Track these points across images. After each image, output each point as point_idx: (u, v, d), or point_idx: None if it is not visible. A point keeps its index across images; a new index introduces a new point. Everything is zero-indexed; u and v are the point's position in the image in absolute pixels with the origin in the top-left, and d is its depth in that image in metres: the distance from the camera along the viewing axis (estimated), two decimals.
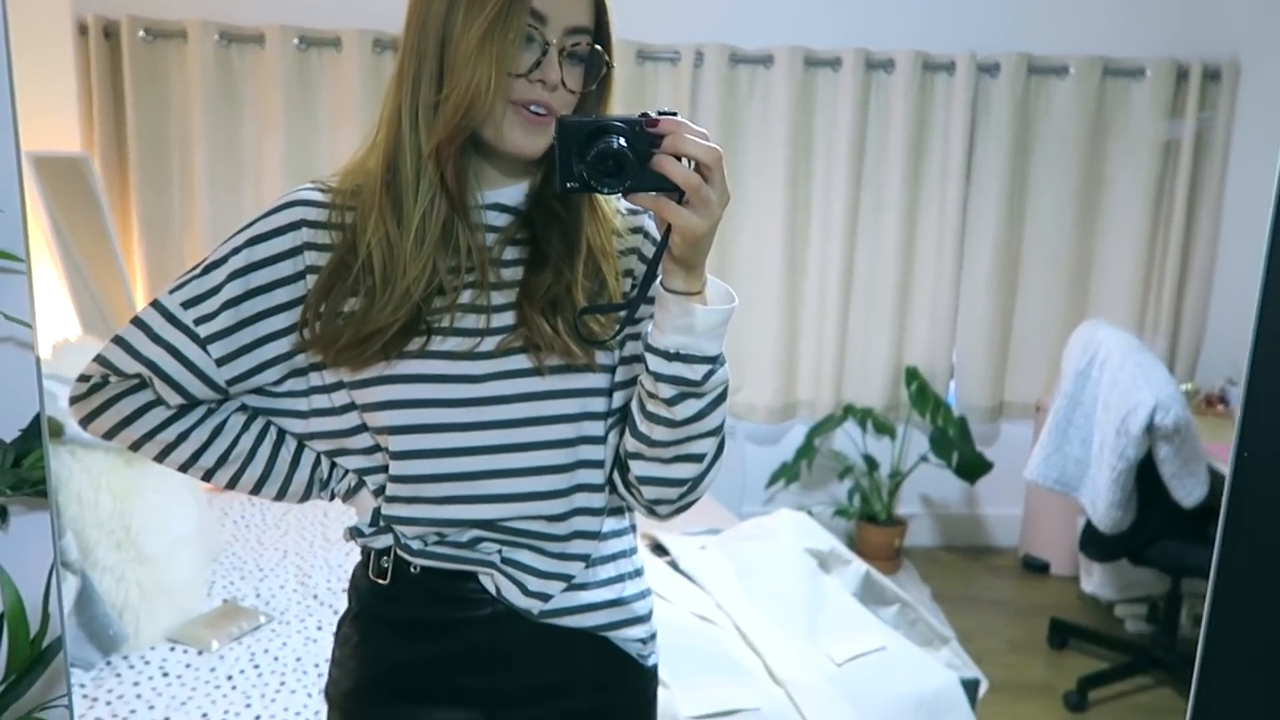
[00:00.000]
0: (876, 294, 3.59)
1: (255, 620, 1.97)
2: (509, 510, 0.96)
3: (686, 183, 0.82)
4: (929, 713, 1.85)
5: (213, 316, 0.94)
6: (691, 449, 0.94)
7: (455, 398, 0.93)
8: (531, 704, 1.00)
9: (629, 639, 1.03)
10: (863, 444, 3.59)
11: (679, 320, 0.87)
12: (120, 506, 1.83)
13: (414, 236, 0.90)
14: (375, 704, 1.01)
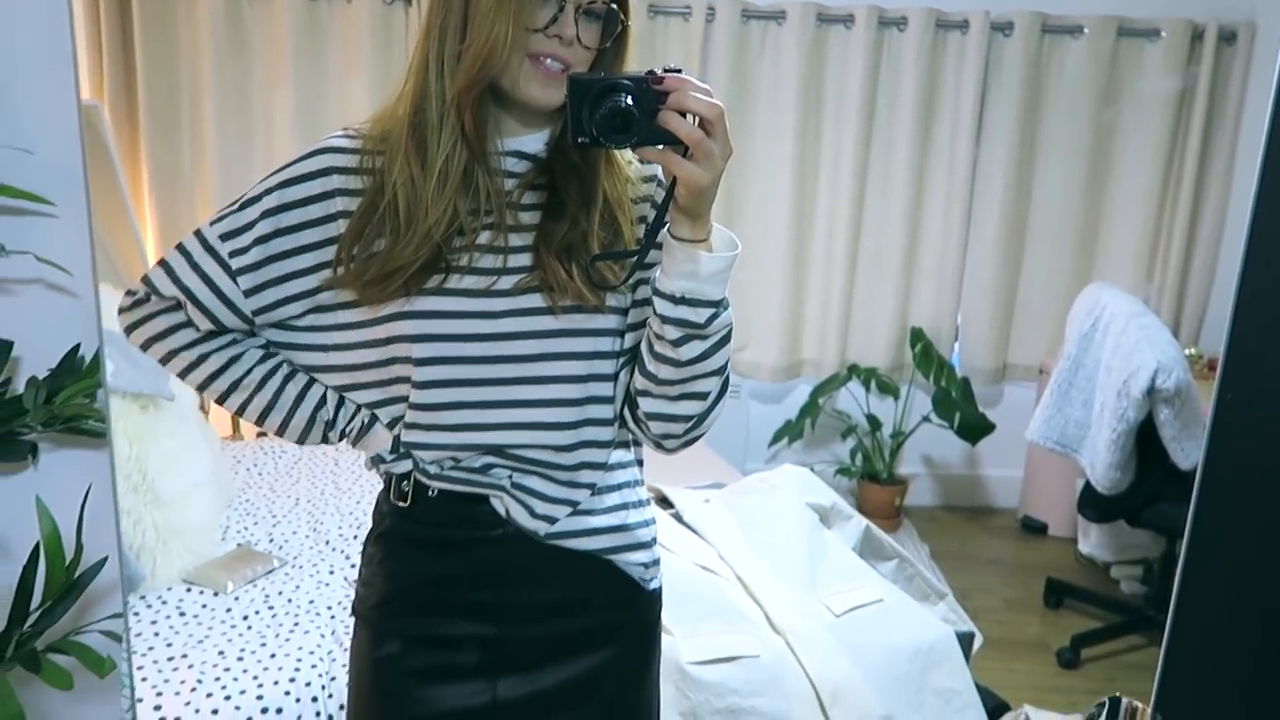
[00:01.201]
0: (883, 254, 3.60)
1: (269, 564, 2.02)
2: (519, 438, 1.02)
3: (690, 137, 0.86)
4: (924, 663, 1.90)
5: (245, 251, 1.01)
6: (696, 388, 1.00)
7: (472, 332, 0.99)
8: (540, 620, 1.07)
9: (632, 563, 1.09)
10: (866, 404, 3.62)
11: (684, 266, 0.92)
12: (136, 450, 1.87)
13: (436, 179, 0.96)
14: (398, 616, 1.08)
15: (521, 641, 1.07)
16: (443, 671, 1.06)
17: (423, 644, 1.07)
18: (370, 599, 1.10)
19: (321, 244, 1.02)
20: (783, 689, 1.77)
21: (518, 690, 1.07)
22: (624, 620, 1.11)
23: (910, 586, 2.31)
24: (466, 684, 1.06)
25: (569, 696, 1.08)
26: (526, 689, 1.07)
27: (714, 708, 1.72)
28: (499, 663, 1.07)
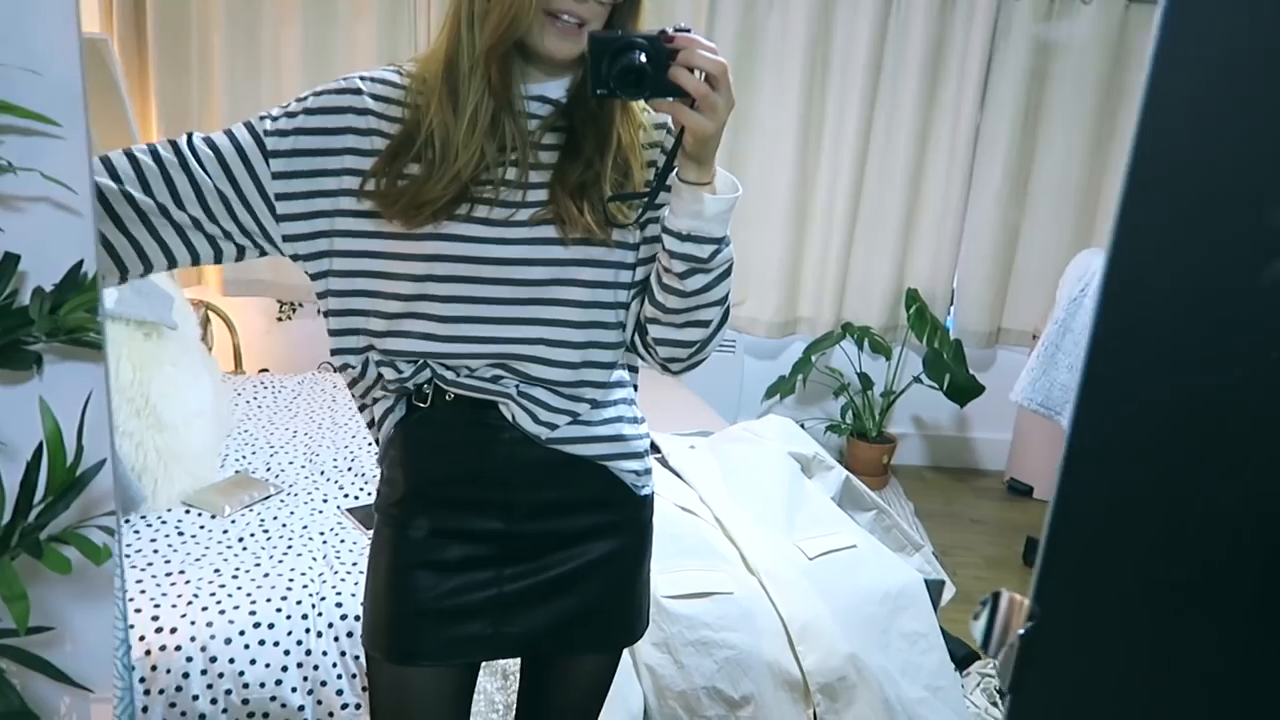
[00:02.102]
0: (883, 215, 3.62)
1: (265, 490, 2.09)
2: (527, 351, 1.12)
3: (697, 91, 0.97)
4: (892, 606, 1.97)
5: (285, 134, 1.08)
6: (699, 316, 1.12)
7: (491, 256, 1.09)
8: (542, 517, 1.18)
9: (625, 469, 1.20)
10: (859, 362, 3.67)
11: (690, 206, 1.04)
12: (139, 375, 1.94)
13: (467, 124, 1.06)
14: (418, 510, 1.18)
15: (526, 536, 1.18)
16: (457, 561, 1.17)
17: (439, 535, 1.17)
18: (392, 495, 1.20)
19: (344, 151, 1.09)
20: (754, 625, 1.84)
21: (522, 579, 1.18)
22: (618, 520, 1.22)
23: (887, 537, 2.38)
24: (477, 572, 1.18)
25: (566, 584, 1.20)
26: (529, 579, 1.19)
27: (686, 639, 1.80)
28: (506, 554, 1.18)
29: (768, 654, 1.81)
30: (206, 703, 1.63)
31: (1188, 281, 0.59)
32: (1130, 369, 0.58)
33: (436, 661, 1.18)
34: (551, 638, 1.22)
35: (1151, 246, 0.57)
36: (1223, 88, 0.56)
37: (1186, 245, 0.59)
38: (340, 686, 1.70)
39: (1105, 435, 0.59)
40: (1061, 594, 0.59)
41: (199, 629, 1.65)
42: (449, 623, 1.17)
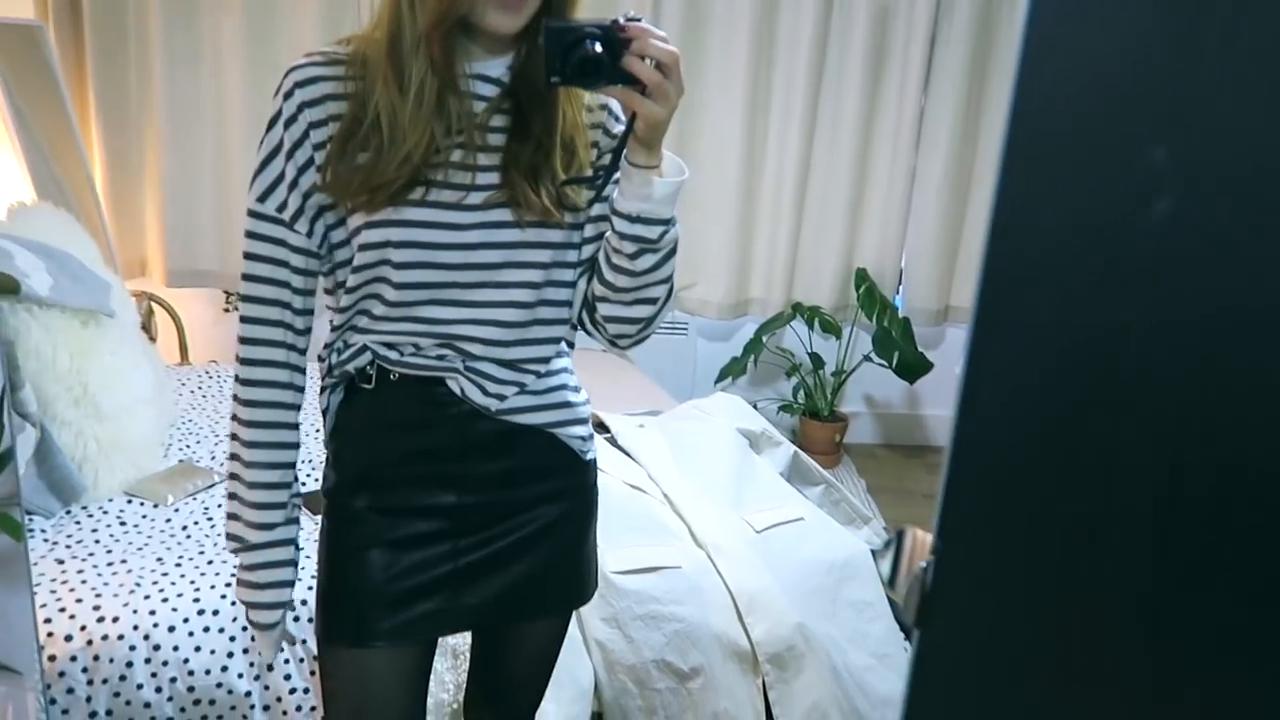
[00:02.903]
0: (831, 195, 3.66)
1: (210, 479, 2.07)
2: (473, 331, 1.14)
3: (650, 79, 1.00)
4: (839, 577, 2.00)
5: (285, 204, 1.10)
6: (648, 294, 1.15)
7: (444, 241, 1.10)
8: (494, 487, 1.20)
9: (571, 435, 1.23)
10: (809, 342, 3.71)
11: (640, 190, 1.07)
12: (78, 364, 1.91)
13: (413, 104, 1.06)
14: (366, 493, 1.18)
15: (479, 507, 1.19)
16: (411, 539, 1.18)
17: (391, 515, 1.18)
18: (341, 479, 1.20)
19: (311, 164, 1.10)
20: (702, 598, 1.86)
21: (476, 550, 1.20)
22: (565, 486, 1.25)
23: (836, 511, 2.42)
24: (432, 548, 1.19)
25: (518, 551, 1.22)
26: (484, 549, 1.20)
27: (635, 614, 1.81)
28: (460, 527, 1.19)
29: (716, 626, 1.83)
30: (151, 691, 1.61)
31: (1074, 221, 0.61)
32: (1021, 308, 0.60)
33: (392, 642, 1.18)
34: (505, 605, 1.23)
35: (1037, 188, 0.59)
36: (1101, 25, 0.58)
37: (1072, 186, 0.60)
38: (288, 671, 1.69)
39: (999, 374, 0.61)
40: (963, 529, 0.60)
41: (142, 618, 1.63)
42: (405, 602, 1.17)
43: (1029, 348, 0.61)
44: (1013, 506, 0.61)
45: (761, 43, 3.45)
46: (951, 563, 0.62)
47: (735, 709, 1.81)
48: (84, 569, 1.74)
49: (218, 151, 3.20)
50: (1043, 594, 0.65)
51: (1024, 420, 0.61)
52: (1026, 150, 0.58)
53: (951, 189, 3.66)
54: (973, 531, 0.61)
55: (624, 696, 1.78)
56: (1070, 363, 0.63)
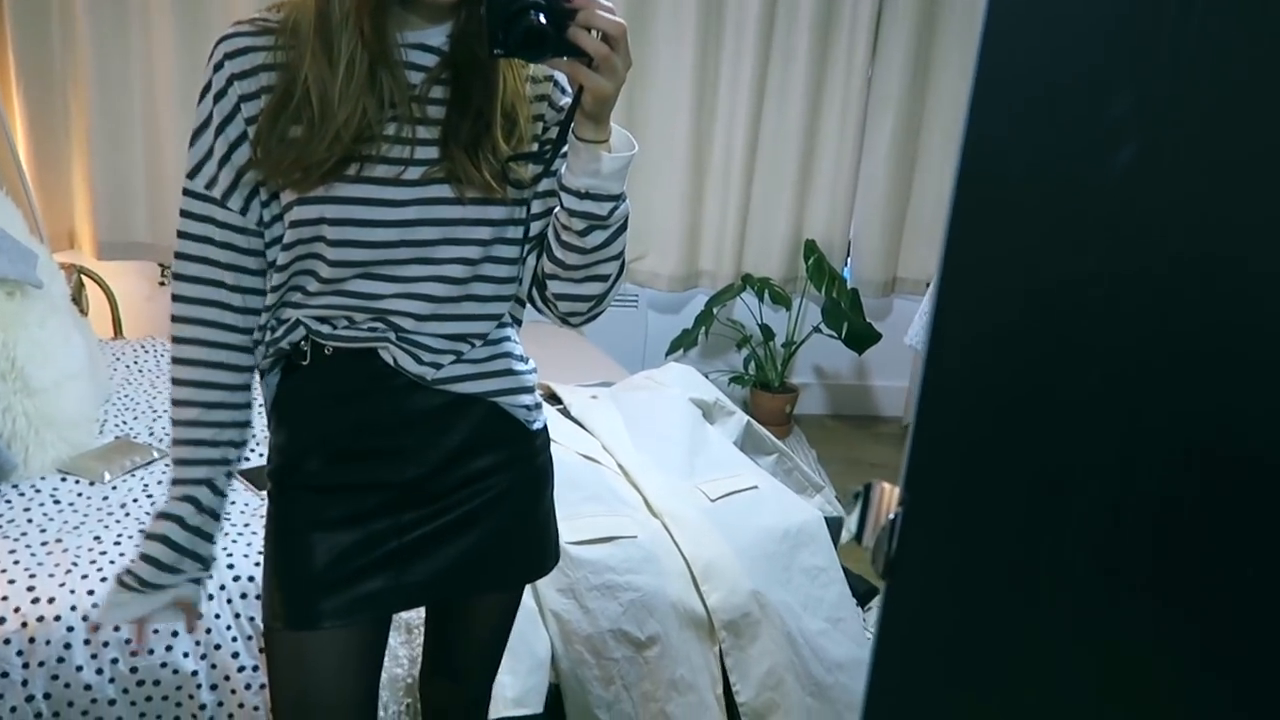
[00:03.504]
0: (780, 167, 3.65)
1: (149, 455, 2.01)
2: (405, 306, 1.11)
3: (597, 52, 0.96)
4: (793, 543, 2.01)
5: (215, 179, 1.06)
6: (598, 270, 1.12)
7: (379, 219, 1.06)
8: (437, 461, 1.16)
9: (517, 405, 1.19)
10: (760, 314, 3.71)
11: (588, 165, 1.03)
12: (4, 336, 1.83)
13: (343, 78, 1.01)
14: (305, 472, 1.15)
15: (421, 482, 1.16)
16: (352, 517, 1.14)
17: (331, 493, 1.15)
18: (280, 460, 1.16)
19: (244, 139, 1.06)
20: (658, 566, 1.86)
21: (420, 525, 1.17)
22: (512, 457, 1.21)
23: (788, 479, 2.43)
24: (374, 524, 1.15)
25: (464, 526, 1.19)
26: (428, 524, 1.17)
27: (591, 584, 1.80)
28: (402, 503, 1.15)
29: (672, 594, 1.83)
30: (92, 673, 1.56)
31: (1039, 173, 0.60)
32: (987, 259, 0.59)
33: (337, 623, 1.14)
34: (453, 582, 1.20)
35: (1001, 138, 0.58)
36: None
37: (1036, 137, 0.60)
38: (236, 649, 1.65)
39: (966, 325, 0.60)
40: (930, 481, 0.60)
41: (79, 598, 1.58)
42: (349, 582, 1.14)
43: (994, 297, 0.60)
44: (979, 457, 0.61)
45: (710, 13, 3.42)
46: (919, 514, 0.61)
47: (692, 676, 1.81)
48: (16, 549, 1.67)
49: (149, 118, 3.08)
50: (1008, 543, 0.65)
51: (990, 371, 0.61)
52: (992, 97, 0.57)
53: (899, 161, 3.69)
54: (940, 483, 0.60)
55: (581, 667, 1.77)
56: (1035, 313, 0.62)
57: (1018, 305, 0.60)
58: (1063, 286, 0.62)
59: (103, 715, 1.56)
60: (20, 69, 2.95)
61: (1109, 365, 0.64)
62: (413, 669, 1.69)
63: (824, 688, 1.91)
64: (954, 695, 0.64)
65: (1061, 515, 0.65)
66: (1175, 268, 0.59)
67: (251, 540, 1.74)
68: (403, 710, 1.69)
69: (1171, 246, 0.58)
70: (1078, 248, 0.61)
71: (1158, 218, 0.60)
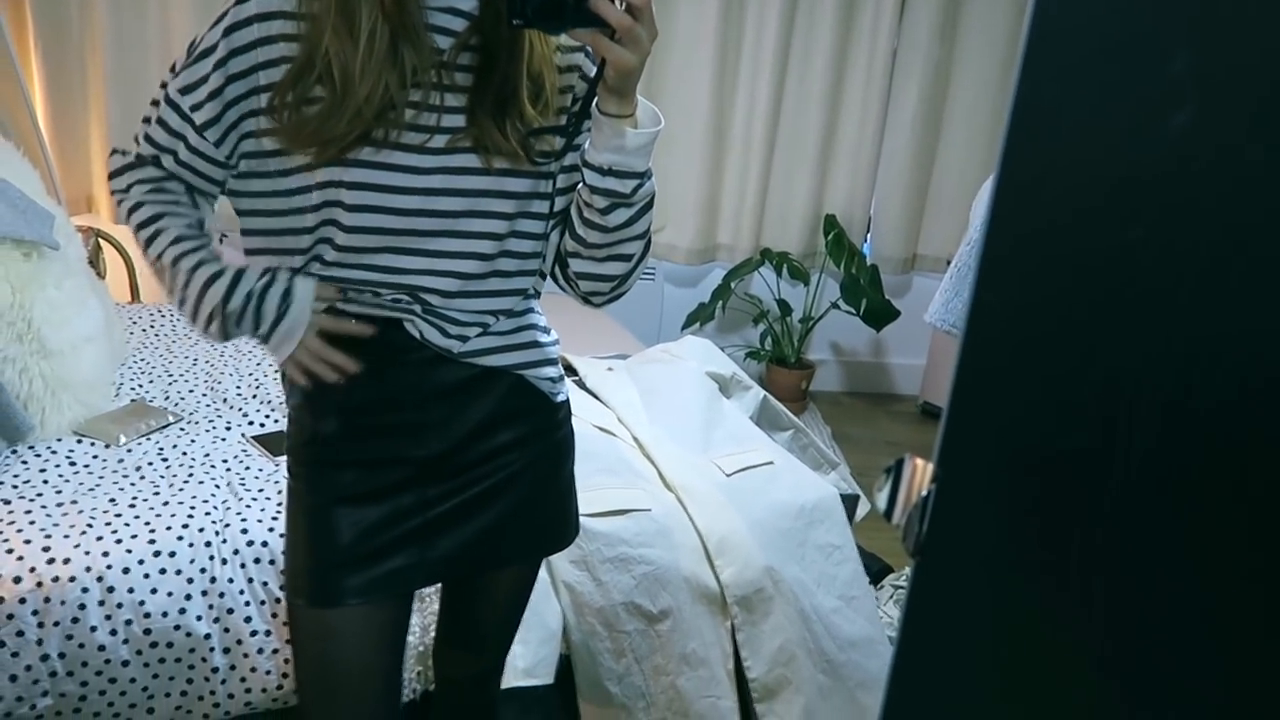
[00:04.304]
0: (801, 140, 3.61)
1: (164, 418, 2.00)
2: (430, 282, 1.09)
3: (619, 23, 0.93)
4: (808, 520, 1.99)
5: (201, 105, 1.04)
6: (621, 250, 1.09)
7: (401, 185, 1.04)
8: (461, 434, 1.14)
9: (541, 377, 1.18)
10: (777, 289, 3.68)
11: (612, 141, 1.00)
12: (20, 298, 1.82)
13: (364, 50, 0.99)
14: (328, 447, 1.13)
15: (446, 456, 1.14)
16: (378, 492, 1.13)
17: (356, 467, 1.13)
18: (301, 435, 1.15)
19: (257, 91, 1.03)
20: (671, 540, 1.84)
21: (447, 499, 1.15)
22: (536, 429, 1.20)
23: (804, 455, 2.41)
24: (401, 498, 1.14)
25: (489, 499, 1.18)
26: (454, 498, 1.16)
27: (604, 556, 1.79)
28: (428, 477, 1.14)
29: (685, 568, 1.82)
30: (106, 634, 1.56)
31: (1090, 134, 0.58)
32: (1033, 224, 0.57)
33: (361, 600, 1.13)
34: (477, 556, 1.19)
35: (1054, 95, 0.55)
36: None
37: (1088, 97, 0.57)
38: (249, 614, 1.65)
39: (1008, 292, 0.58)
40: (965, 455, 0.58)
41: (94, 559, 1.58)
42: (373, 558, 1.13)
43: (1039, 265, 0.58)
44: (1017, 433, 0.59)
45: None
46: (952, 492, 0.59)
47: (704, 651, 1.80)
48: (32, 510, 1.67)
49: None
50: (1044, 523, 0.63)
51: (1032, 342, 0.59)
52: (1045, 56, 0.54)
53: (922, 136, 3.63)
54: (975, 459, 0.58)
55: (593, 639, 1.76)
56: (1082, 282, 0.60)
57: (1063, 274, 0.58)
58: (1111, 255, 0.59)
59: (116, 676, 1.57)
60: (39, 32, 2.94)
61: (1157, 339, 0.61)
62: (425, 636, 1.69)
63: (836, 665, 1.90)
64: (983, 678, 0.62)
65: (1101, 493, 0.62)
66: (1230, 236, 0.56)
67: (265, 506, 1.73)
68: (414, 678, 1.69)
69: (1228, 214, 0.55)
70: (1128, 214, 0.58)
71: (1210, 185, 0.57)
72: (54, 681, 1.54)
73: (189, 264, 1.09)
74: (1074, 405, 0.61)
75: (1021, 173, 0.55)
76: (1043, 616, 0.63)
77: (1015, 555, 0.61)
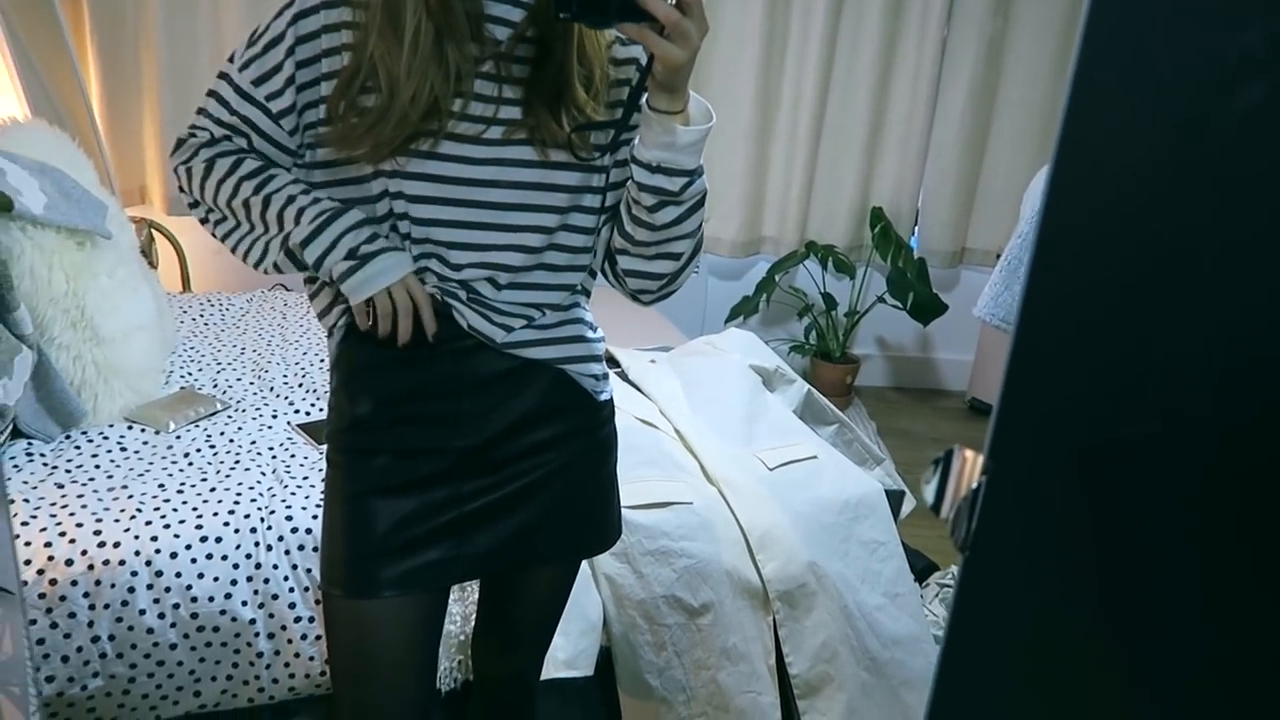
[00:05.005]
0: (848, 132, 3.56)
1: (212, 406, 2.03)
2: (478, 274, 1.08)
3: (667, 18, 0.91)
4: (852, 515, 1.96)
5: (280, 94, 1.04)
6: (670, 249, 1.08)
7: (454, 176, 1.03)
8: (501, 428, 1.13)
9: (585, 374, 1.16)
10: (823, 282, 3.64)
11: (661, 138, 0.99)
12: (74, 286, 1.85)
13: (408, 51, 0.98)
14: (366, 434, 1.13)
15: (483, 448, 1.13)
16: (413, 483, 1.12)
17: (393, 457, 1.12)
18: (340, 421, 1.14)
19: (336, 74, 1.04)
20: (713, 534, 1.83)
21: (482, 495, 1.14)
22: (577, 428, 1.18)
23: (848, 450, 2.38)
24: (436, 492, 1.13)
25: (526, 496, 1.16)
26: (490, 494, 1.14)
27: (645, 549, 1.78)
28: (464, 471, 1.13)
29: (727, 562, 1.80)
30: (154, 617, 1.59)
31: (1153, 111, 0.55)
32: (1091, 205, 0.54)
33: (396, 592, 1.12)
34: (513, 553, 1.18)
35: (1116, 67, 0.52)
36: None
37: (1153, 71, 0.54)
38: (293, 600, 1.66)
39: (1064, 280, 0.55)
40: (1017, 448, 0.55)
41: (143, 543, 1.60)
42: (409, 550, 1.12)
43: (1096, 252, 0.55)
44: (1071, 426, 0.56)
45: None
46: (1003, 486, 0.57)
47: (745, 646, 1.79)
48: (84, 494, 1.70)
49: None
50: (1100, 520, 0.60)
51: (1088, 332, 0.56)
52: (1107, 27, 0.52)
53: (972, 127, 3.56)
54: (1028, 452, 0.56)
55: (633, 631, 1.75)
56: (1143, 265, 0.57)
57: (1123, 259, 0.55)
58: (1173, 235, 0.56)
59: (164, 659, 1.60)
60: (95, 25, 2.99)
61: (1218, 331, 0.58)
62: (465, 626, 1.69)
63: (879, 663, 1.87)
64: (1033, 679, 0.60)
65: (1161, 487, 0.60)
66: None
67: (310, 493, 1.75)
68: (454, 666, 1.69)
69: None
70: (1193, 195, 0.55)
71: None
72: (104, 663, 1.57)
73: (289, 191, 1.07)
74: (1133, 394, 0.59)
75: (1080, 153, 0.53)
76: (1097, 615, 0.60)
77: (1068, 550, 0.59)
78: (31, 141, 2.07)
